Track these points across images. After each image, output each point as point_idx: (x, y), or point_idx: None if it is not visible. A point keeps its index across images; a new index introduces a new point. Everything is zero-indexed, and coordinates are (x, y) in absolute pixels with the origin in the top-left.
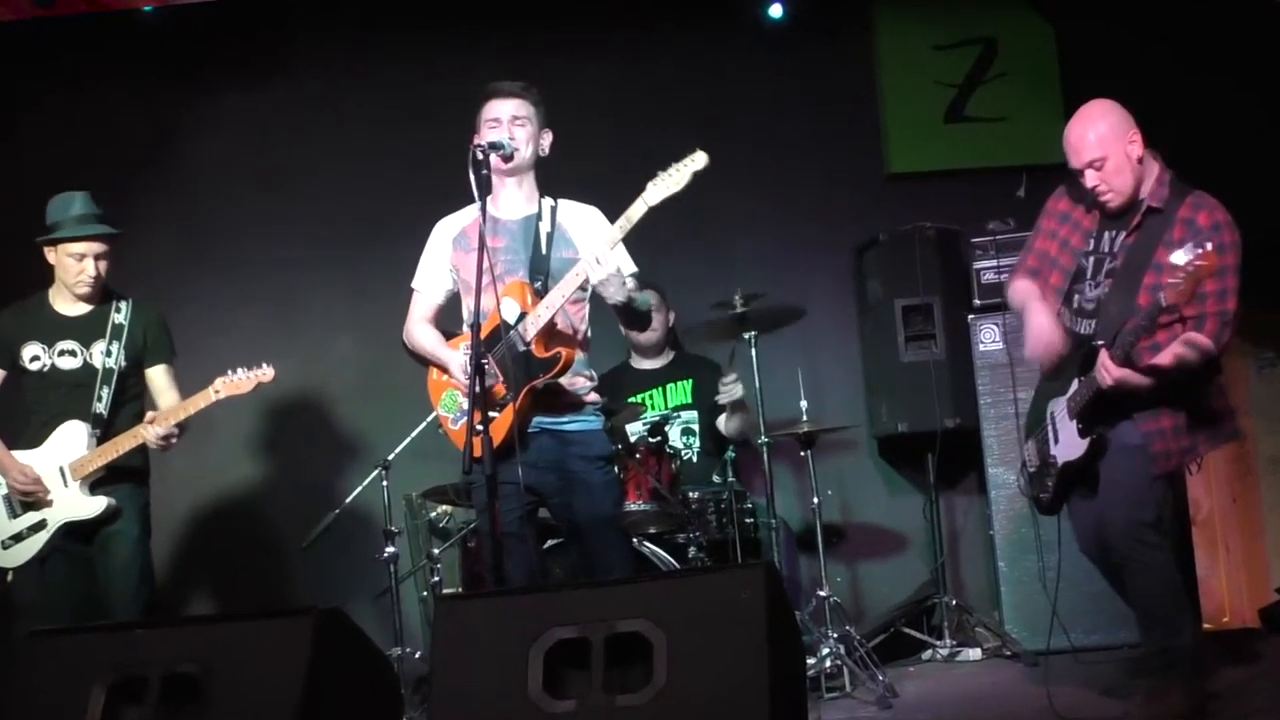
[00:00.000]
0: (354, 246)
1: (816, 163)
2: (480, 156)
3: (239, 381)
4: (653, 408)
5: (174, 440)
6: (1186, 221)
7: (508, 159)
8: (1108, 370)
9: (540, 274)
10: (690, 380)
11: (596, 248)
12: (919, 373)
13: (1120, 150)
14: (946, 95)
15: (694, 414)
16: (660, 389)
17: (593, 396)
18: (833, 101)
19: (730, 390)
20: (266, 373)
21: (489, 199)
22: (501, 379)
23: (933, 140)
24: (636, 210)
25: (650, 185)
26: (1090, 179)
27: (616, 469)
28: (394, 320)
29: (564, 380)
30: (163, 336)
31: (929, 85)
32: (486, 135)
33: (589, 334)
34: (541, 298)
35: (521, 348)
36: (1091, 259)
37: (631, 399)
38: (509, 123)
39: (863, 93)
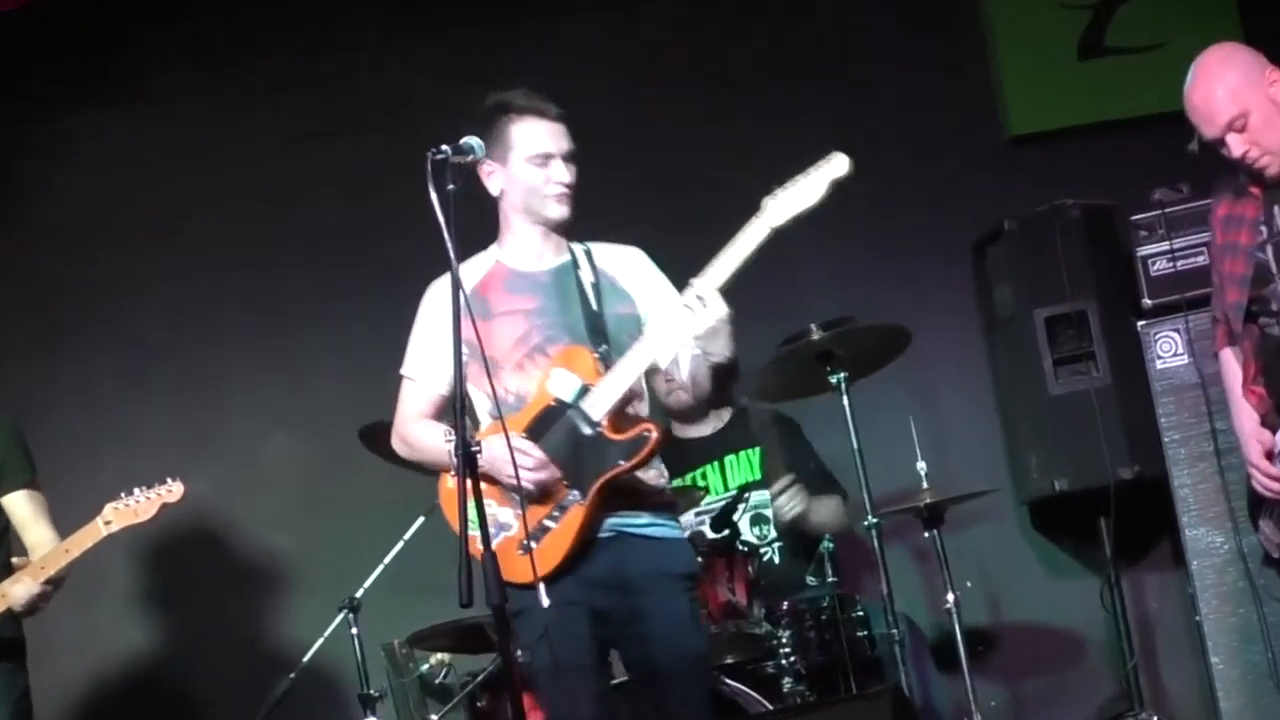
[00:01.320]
0: (284, 310)
1: (910, 133)
2: (438, 158)
3: (137, 506)
4: (711, 490)
5: (45, 602)
6: None
7: (565, 198)
8: None
9: (599, 336)
10: (759, 448)
11: (699, 285)
12: (1077, 407)
13: (1262, 97)
14: (1079, 21)
15: (765, 494)
16: (717, 464)
17: (669, 495)
18: (926, 48)
19: (789, 505)
20: (173, 490)
21: (496, 248)
22: (559, 475)
23: (1065, 85)
24: (753, 236)
25: (771, 201)
26: (1235, 146)
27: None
28: (345, 404)
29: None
30: (14, 451)
31: (1053, 8)
32: (529, 168)
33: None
34: (605, 365)
35: (589, 430)
36: (1270, 248)
37: (681, 481)
38: (564, 158)
39: (965, 28)
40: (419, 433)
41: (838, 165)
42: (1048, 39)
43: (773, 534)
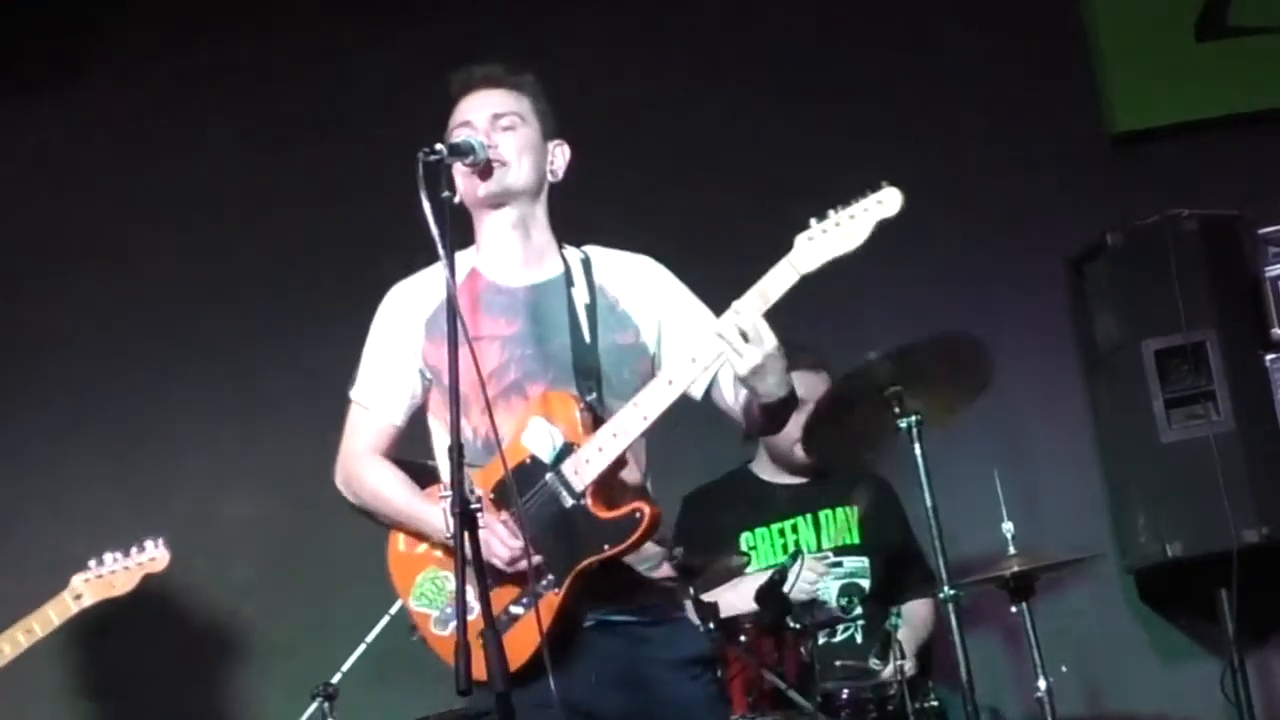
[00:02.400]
0: (242, 347)
1: (995, 129)
2: (432, 159)
3: (112, 578)
4: (806, 545)
5: None
6: None
7: (485, 171)
8: None
9: (589, 376)
10: (857, 508)
11: (742, 315)
12: (1194, 457)
13: None
14: None
15: (863, 561)
16: (811, 518)
17: (665, 570)
18: (1014, 29)
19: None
20: (155, 558)
21: (473, 251)
22: (540, 560)
23: (1180, 72)
24: (779, 281)
25: (804, 240)
26: None
27: (719, 672)
28: (315, 455)
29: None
30: None
31: None
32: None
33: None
34: (595, 417)
35: (569, 501)
36: None
37: (767, 531)
38: (490, 126)
39: (1063, 10)
40: (371, 475)
41: (888, 204)
42: (1159, 18)
43: (859, 609)
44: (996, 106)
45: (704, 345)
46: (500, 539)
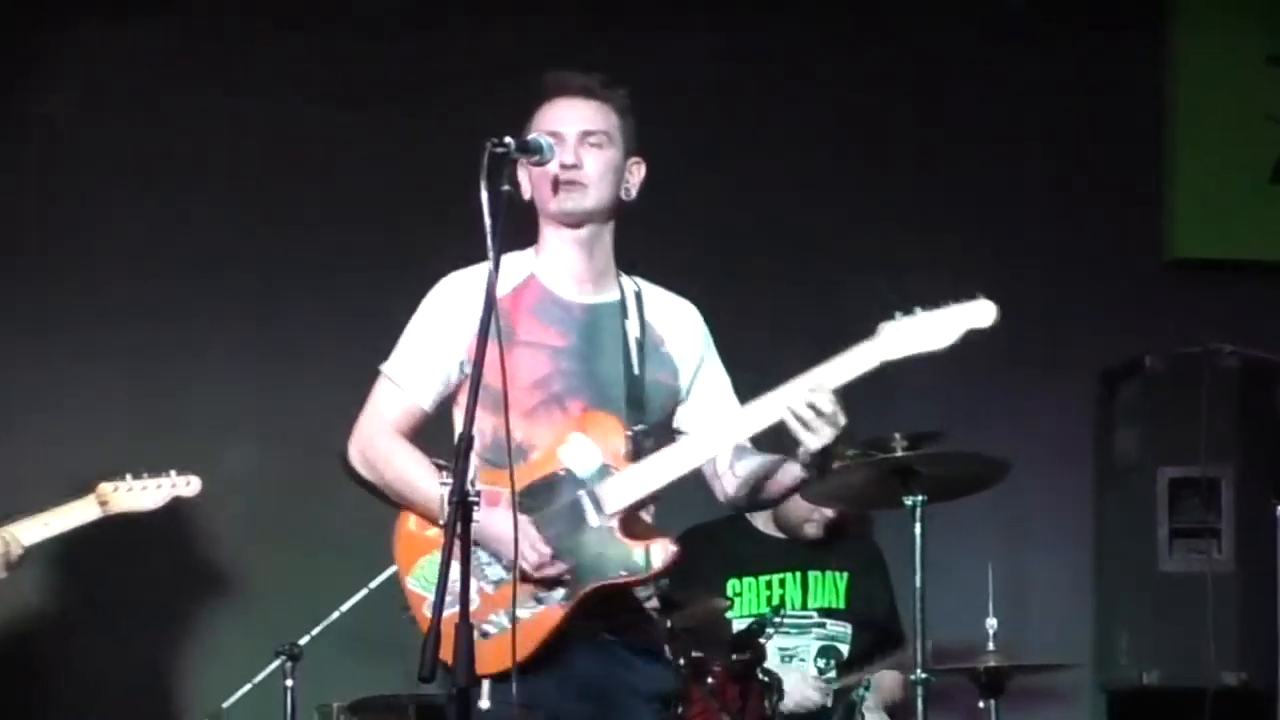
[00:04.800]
0: (273, 293)
1: (1055, 234)
2: (499, 151)
3: (142, 493)
4: (791, 602)
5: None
6: None
7: (559, 185)
8: None
9: (638, 407)
10: (847, 573)
11: (816, 391)
12: (1188, 590)
13: None
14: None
15: (845, 627)
16: (799, 575)
17: (654, 602)
18: (1087, 142)
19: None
20: (191, 482)
21: (533, 255)
22: (565, 569)
23: (1249, 211)
24: (859, 363)
25: (891, 327)
26: None
27: (678, 709)
28: (330, 418)
29: None
30: None
31: (1252, 118)
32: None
33: None
34: (637, 449)
35: (596, 521)
36: None
37: (754, 581)
38: (578, 142)
39: (1138, 122)
40: (399, 457)
41: (981, 314)
42: (1239, 154)
43: (836, 673)
44: (1059, 211)
45: (770, 407)
46: (531, 543)
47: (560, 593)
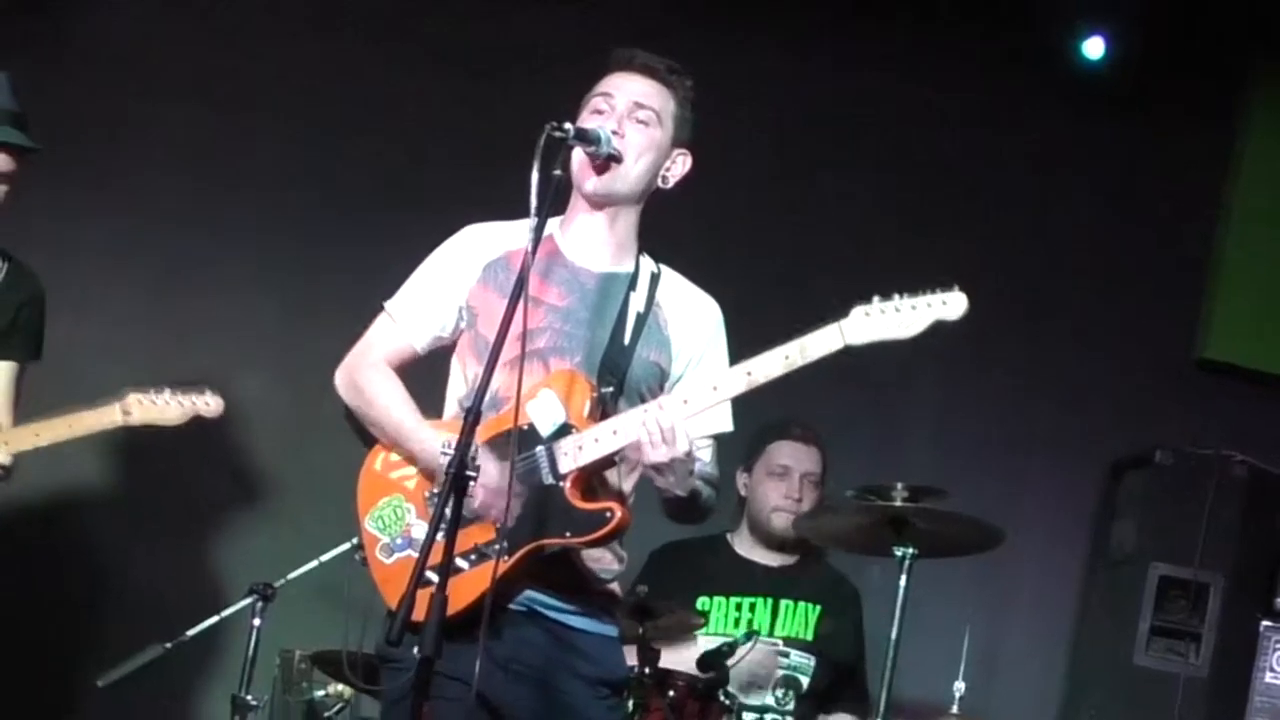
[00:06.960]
0: (301, 220)
1: (1088, 316)
2: (557, 135)
3: (165, 407)
4: (759, 628)
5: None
6: None
7: (601, 165)
8: None
9: (613, 374)
10: (819, 606)
11: (667, 404)
12: (1159, 688)
13: None
14: None
15: (809, 660)
16: (771, 601)
17: (615, 588)
18: (1135, 218)
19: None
20: (210, 404)
21: (557, 220)
22: (494, 514)
23: None
24: (823, 343)
25: (858, 313)
26: None
27: (630, 704)
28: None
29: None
30: (35, 322)
31: None
32: (586, 120)
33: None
34: (604, 411)
35: (549, 479)
36: None
37: (725, 601)
38: (627, 112)
39: (1191, 217)
40: (378, 382)
41: (952, 307)
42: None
43: (793, 704)
44: (1099, 294)
45: (730, 378)
46: (485, 482)
47: (503, 545)
